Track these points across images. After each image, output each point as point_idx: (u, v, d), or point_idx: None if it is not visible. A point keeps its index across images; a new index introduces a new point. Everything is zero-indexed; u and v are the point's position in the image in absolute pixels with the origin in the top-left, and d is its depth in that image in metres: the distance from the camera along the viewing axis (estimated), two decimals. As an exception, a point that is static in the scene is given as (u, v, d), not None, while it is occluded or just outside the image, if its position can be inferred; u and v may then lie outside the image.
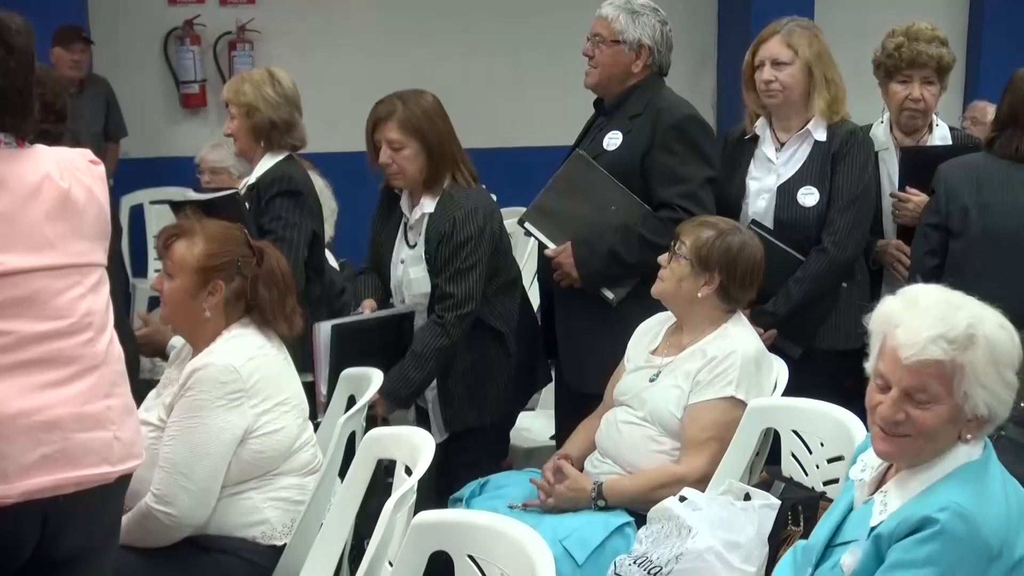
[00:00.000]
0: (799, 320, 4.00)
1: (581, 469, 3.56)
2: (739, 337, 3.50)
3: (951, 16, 8.51)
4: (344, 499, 3.15)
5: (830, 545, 2.49)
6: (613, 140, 4.08)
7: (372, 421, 3.70)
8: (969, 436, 2.35)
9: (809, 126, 4.06)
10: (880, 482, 2.46)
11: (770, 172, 4.12)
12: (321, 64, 7.71)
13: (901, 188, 4.27)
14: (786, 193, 4.06)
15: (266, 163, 4.22)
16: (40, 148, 2.60)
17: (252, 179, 4.23)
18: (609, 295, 4.04)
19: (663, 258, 3.58)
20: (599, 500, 3.42)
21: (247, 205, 4.15)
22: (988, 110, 6.02)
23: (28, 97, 2.58)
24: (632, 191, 4.00)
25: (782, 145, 4.12)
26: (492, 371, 4.01)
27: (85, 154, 2.69)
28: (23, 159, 2.55)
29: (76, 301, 2.57)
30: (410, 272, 4.03)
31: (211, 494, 3.14)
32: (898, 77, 4.26)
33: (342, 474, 3.26)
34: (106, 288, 2.67)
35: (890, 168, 4.33)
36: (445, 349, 3.89)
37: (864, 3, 8.24)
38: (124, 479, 2.68)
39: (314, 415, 3.63)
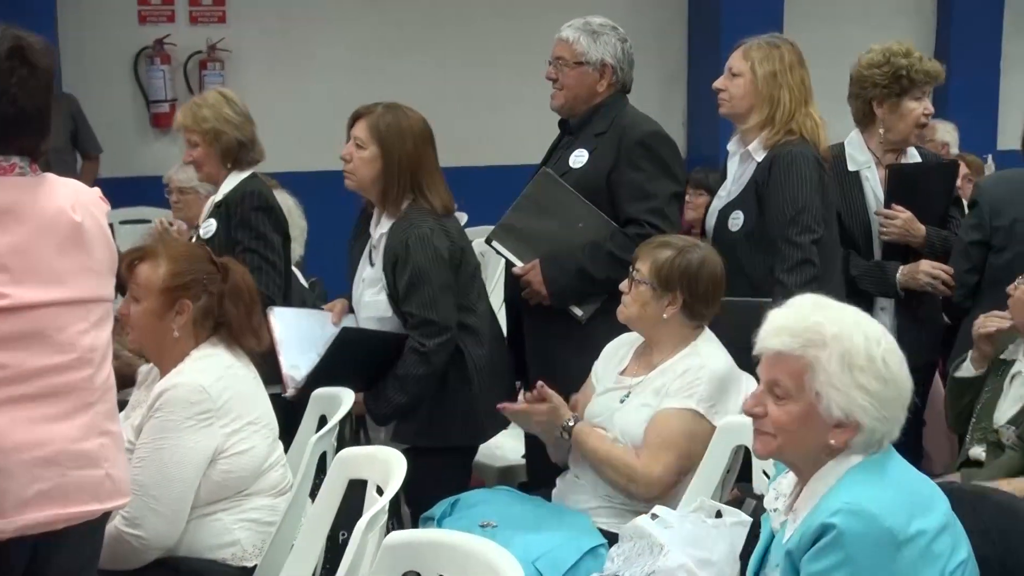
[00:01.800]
0: None
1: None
2: (709, 354, 3.51)
3: (919, 34, 8.58)
4: (315, 520, 3.13)
5: (758, 574, 2.51)
6: (579, 158, 4.09)
7: (343, 441, 3.69)
8: (833, 442, 2.34)
9: (750, 147, 4.06)
10: (792, 505, 2.45)
11: (725, 191, 4.17)
12: (292, 83, 7.71)
13: (886, 206, 4.28)
14: (723, 215, 4.10)
15: (232, 180, 4.21)
16: (53, 178, 2.59)
17: (219, 196, 4.21)
18: (578, 312, 4.04)
19: (623, 285, 3.58)
20: (564, 433, 3.50)
21: (215, 222, 4.14)
22: (937, 128, 6.06)
23: (46, 118, 2.57)
24: (599, 208, 4.01)
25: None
26: (446, 398, 3.92)
27: (95, 191, 2.68)
28: (40, 189, 2.54)
29: (80, 336, 2.56)
30: (365, 295, 4.00)
31: (181, 516, 3.13)
32: (915, 93, 4.27)
33: (313, 495, 3.25)
34: (110, 323, 2.68)
35: (873, 185, 4.34)
36: (427, 377, 3.83)
37: (833, 21, 8.30)
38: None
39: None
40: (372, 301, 3.97)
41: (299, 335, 3.96)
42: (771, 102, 4.00)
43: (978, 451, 3.66)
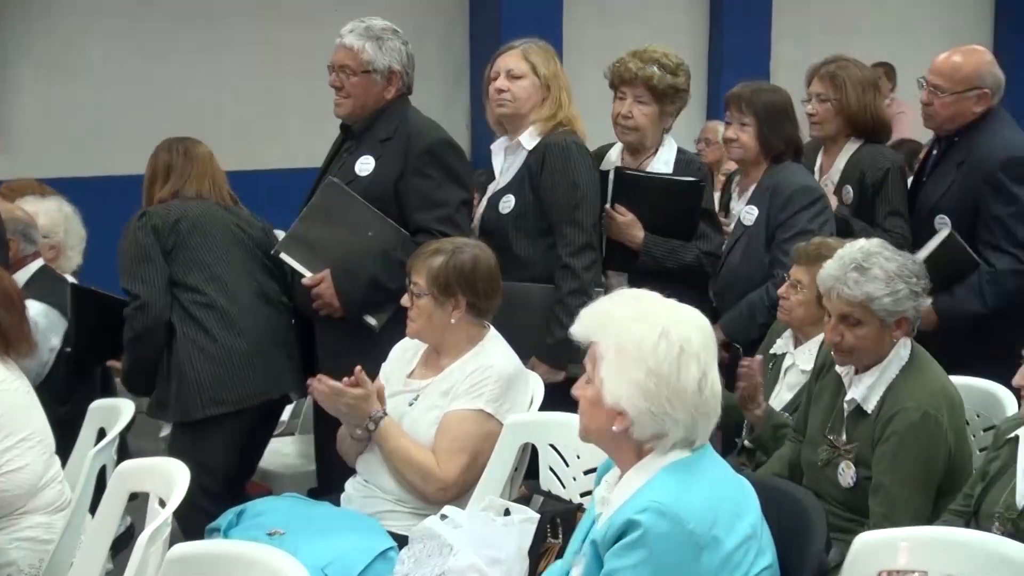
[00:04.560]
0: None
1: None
2: (496, 354, 3.55)
3: (692, 40, 8.86)
4: (95, 535, 3.05)
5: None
6: (365, 165, 4.08)
7: (123, 454, 3.61)
8: (615, 428, 2.37)
9: (521, 137, 4.18)
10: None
11: (495, 183, 4.26)
12: (63, 87, 7.46)
13: (611, 206, 4.32)
14: (493, 200, 4.21)
15: None
16: None
17: None
18: (372, 322, 4.03)
19: (404, 300, 3.59)
20: (371, 423, 3.46)
21: None
22: (719, 130, 6.21)
23: None
24: (388, 216, 4.00)
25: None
26: (169, 373, 4.06)
27: None
28: None
29: None
30: None
31: (-49, 538, 3.01)
32: (617, 93, 4.36)
33: (93, 509, 3.17)
34: None
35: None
36: (134, 341, 4.07)
37: (610, 22, 8.49)
38: None
39: None
40: None
41: None
42: (554, 101, 4.18)
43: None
